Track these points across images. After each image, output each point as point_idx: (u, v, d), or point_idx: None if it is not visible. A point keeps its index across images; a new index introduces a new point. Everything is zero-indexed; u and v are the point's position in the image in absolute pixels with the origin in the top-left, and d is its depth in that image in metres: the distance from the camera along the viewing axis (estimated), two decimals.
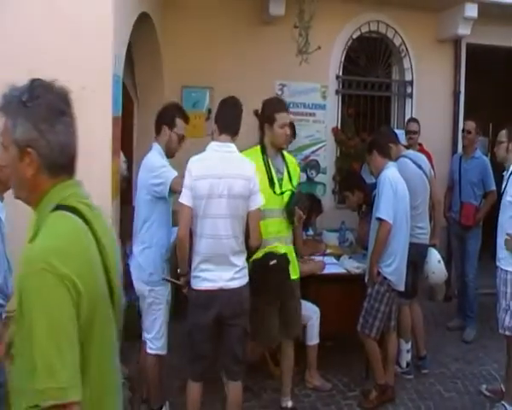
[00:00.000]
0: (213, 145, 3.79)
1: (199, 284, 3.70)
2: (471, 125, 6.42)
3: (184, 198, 3.67)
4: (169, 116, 4.22)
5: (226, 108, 3.91)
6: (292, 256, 4.19)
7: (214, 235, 3.64)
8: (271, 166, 4.11)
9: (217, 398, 4.50)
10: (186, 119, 4.30)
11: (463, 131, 6.59)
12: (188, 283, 3.78)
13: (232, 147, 3.77)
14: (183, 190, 3.68)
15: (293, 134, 6.68)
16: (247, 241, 3.77)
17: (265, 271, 3.95)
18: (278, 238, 4.11)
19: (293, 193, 4.13)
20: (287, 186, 4.13)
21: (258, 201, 3.76)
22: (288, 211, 4.09)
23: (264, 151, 4.14)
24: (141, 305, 4.26)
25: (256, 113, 7.42)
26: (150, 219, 4.11)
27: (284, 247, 4.14)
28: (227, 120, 3.83)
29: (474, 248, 6.41)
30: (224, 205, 3.62)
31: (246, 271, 3.78)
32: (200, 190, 3.62)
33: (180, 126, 4.24)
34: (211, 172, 3.64)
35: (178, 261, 3.83)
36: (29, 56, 3.85)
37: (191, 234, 3.77)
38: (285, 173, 4.16)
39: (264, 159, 4.09)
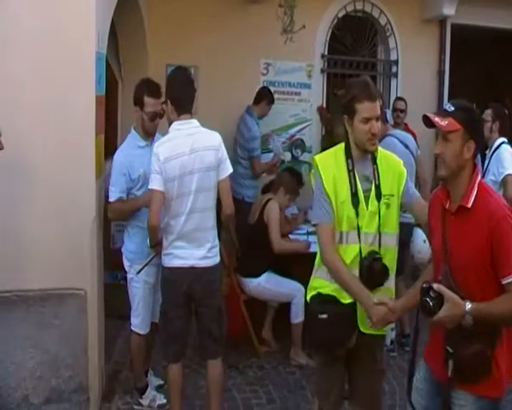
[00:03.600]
0: (176, 125, 3.72)
1: (171, 262, 3.72)
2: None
3: (155, 183, 3.62)
4: (139, 97, 4.14)
5: (180, 85, 3.77)
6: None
7: (189, 211, 3.64)
8: (357, 175, 3.01)
9: (199, 375, 4.54)
10: (153, 94, 4.13)
11: None
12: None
13: (195, 122, 3.73)
14: (153, 175, 3.64)
15: (273, 99, 6.76)
16: (219, 215, 3.77)
17: (313, 323, 3.03)
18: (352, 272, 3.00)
19: None
20: (372, 205, 2.99)
21: (227, 169, 3.73)
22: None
23: (348, 153, 3.05)
24: None
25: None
26: None
27: None
28: (184, 99, 3.73)
29: None
30: (198, 179, 3.62)
31: (217, 249, 3.79)
32: (170, 171, 3.60)
33: (148, 104, 4.09)
34: (180, 150, 3.61)
35: (150, 240, 3.81)
36: (8, 35, 3.80)
37: None
38: (373, 185, 3.01)
39: (347, 164, 3.02)
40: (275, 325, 5.34)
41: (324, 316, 2.92)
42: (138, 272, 4.07)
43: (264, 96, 6.70)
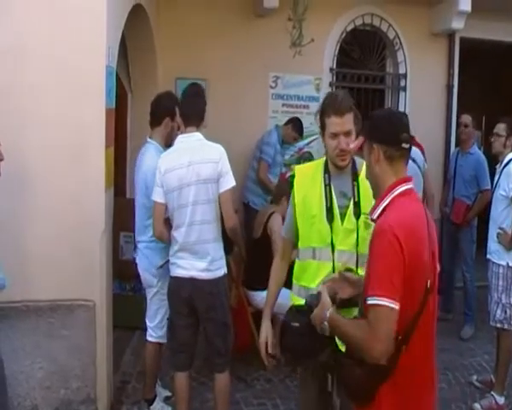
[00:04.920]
0: (180, 138, 3.82)
1: (174, 271, 3.78)
2: (468, 118, 6.27)
3: (156, 195, 3.76)
4: (171, 107, 4.22)
5: (188, 99, 3.85)
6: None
7: (188, 223, 3.67)
8: (333, 190, 2.89)
9: (207, 388, 4.55)
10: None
11: (460, 125, 6.43)
12: None
13: (198, 136, 3.77)
14: (155, 187, 3.76)
15: (299, 130, 6.75)
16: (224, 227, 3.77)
17: (284, 330, 2.83)
18: None
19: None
20: (349, 222, 2.83)
21: (228, 182, 3.69)
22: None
23: (326, 167, 2.95)
24: (147, 294, 4.30)
25: None
26: None
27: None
28: (190, 112, 3.80)
29: (468, 249, 6.27)
30: (194, 192, 3.65)
31: (222, 262, 3.79)
32: (170, 183, 3.68)
33: (178, 114, 4.20)
34: (178, 162, 3.67)
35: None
36: (20, 48, 3.86)
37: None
38: (351, 202, 2.86)
39: (324, 179, 2.92)
40: None
41: (296, 324, 2.73)
42: (160, 268, 4.09)
43: (293, 122, 6.78)
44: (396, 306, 2.05)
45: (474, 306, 6.21)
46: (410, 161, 5.25)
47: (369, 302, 2.09)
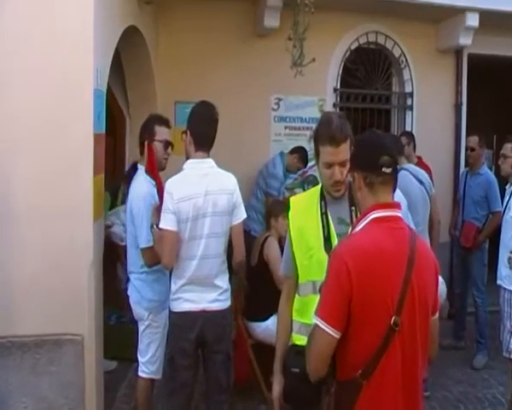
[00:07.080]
0: (191, 163, 3.58)
1: (180, 306, 3.53)
2: (474, 140, 6.06)
3: (168, 223, 3.44)
4: (147, 128, 4.08)
5: (205, 119, 3.62)
6: None
7: (201, 256, 3.47)
8: (330, 217, 2.74)
9: None
10: (166, 123, 4.13)
11: (467, 149, 6.25)
12: None
13: (211, 162, 3.58)
14: (165, 214, 3.46)
15: (304, 161, 6.58)
16: (230, 259, 3.61)
17: (285, 374, 2.79)
18: None
19: None
20: None
21: (242, 214, 3.58)
22: None
23: (322, 194, 2.80)
24: (139, 328, 4.09)
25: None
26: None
27: None
28: (205, 136, 3.60)
29: (479, 273, 6.01)
30: (210, 224, 3.46)
31: (229, 293, 3.63)
32: (184, 212, 3.43)
33: (161, 132, 4.05)
34: (193, 191, 3.45)
35: None
36: (5, 69, 3.74)
37: None
38: (350, 228, 2.66)
39: (321, 207, 2.77)
40: None
41: (296, 370, 2.64)
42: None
43: (298, 152, 6.66)
44: (330, 330, 2.09)
45: (486, 333, 5.93)
46: (418, 183, 5.08)
47: (313, 321, 2.17)
